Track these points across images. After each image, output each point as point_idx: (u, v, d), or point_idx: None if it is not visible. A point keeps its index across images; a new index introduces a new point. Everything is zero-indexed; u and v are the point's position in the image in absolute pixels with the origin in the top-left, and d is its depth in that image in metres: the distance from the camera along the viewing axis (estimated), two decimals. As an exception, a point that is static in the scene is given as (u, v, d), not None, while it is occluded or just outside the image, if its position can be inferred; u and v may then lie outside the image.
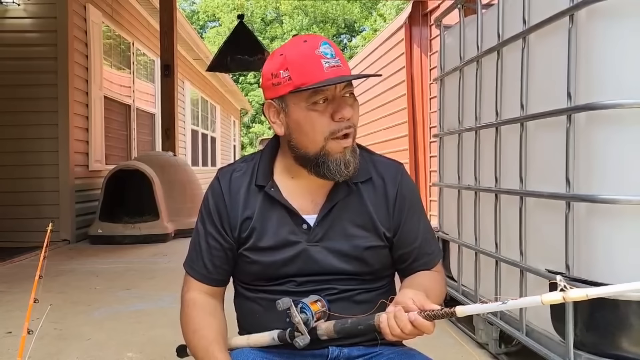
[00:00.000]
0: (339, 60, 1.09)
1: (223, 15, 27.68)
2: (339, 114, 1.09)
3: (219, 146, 14.96)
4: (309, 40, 1.11)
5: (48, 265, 1.76)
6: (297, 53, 1.10)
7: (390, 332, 1.00)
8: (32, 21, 5.50)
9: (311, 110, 1.10)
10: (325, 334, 1.09)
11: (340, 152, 1.11)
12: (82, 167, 5.90)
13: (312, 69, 1.07)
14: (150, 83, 8.72)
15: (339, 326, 1.09)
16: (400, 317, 0.99)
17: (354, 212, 1.17)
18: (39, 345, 2.01)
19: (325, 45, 1.10)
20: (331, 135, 1.10)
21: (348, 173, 1.11)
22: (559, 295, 0.82)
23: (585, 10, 1.55)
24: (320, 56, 1.08)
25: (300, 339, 1.07)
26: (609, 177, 1.53)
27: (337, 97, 1.09)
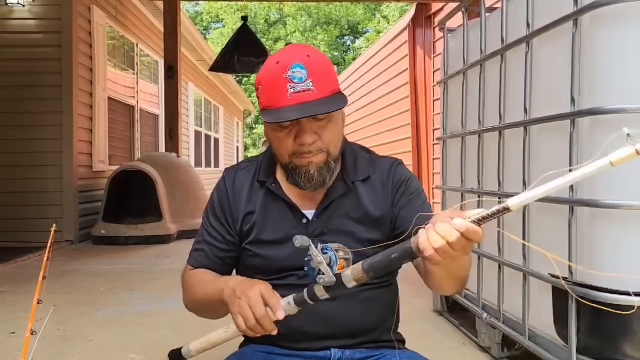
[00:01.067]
0: (309, 83, 1.07)
1: (226, 17, 27.73)
2: (299, 139, 1.11)
3: (222, 147, 14.99)
4: (282, 60, 1.09)
5: (51, 265, 1.76)
6: (267, 74, 1.11)
7: (432, 246, 0.84)
8: (36, 22, 5.53)
9: (277, 131, 1.14)
10: (354, 279, 0.94)
11: (305, 166, 1.13)
12: (86, 167, 5.91)
13: (276, 93, 1.08)
14: (153, 84, 8.74)
15: (367, 264, 0.93)
16: (442, 227, 0.84)
17: (350, 209, 1.20)
18: (42, 345, 2.02)
19: (295, 67, 1.07)
20: (294, 154, 1.14)
21: (314, 184, 1.15)
22: (632, 150, 0.69)
23: (589, 15, 1.55)
24: (287, 80, 1.07)
25: (324, 276, 0.95)
26: (613, 181, 1.53)
27: (302, 121, 1.10)
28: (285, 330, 1.17)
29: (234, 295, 1.04)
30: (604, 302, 1.49)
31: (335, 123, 1.15)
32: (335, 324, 1.17)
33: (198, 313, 1.27)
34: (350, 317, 1.18)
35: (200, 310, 1.25)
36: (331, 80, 1.12)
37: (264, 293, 1.02)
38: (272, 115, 1.09)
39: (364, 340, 1.20)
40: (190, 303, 1.25)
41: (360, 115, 10.17)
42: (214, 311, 1.20)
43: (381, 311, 1.22)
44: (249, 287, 1.03)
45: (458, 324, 2.63)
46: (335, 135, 1.15)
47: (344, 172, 1.22)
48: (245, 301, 1.01)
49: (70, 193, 5.53)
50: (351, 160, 1.24)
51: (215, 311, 1.19)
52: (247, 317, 1.00)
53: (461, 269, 1.06)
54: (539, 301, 1.84)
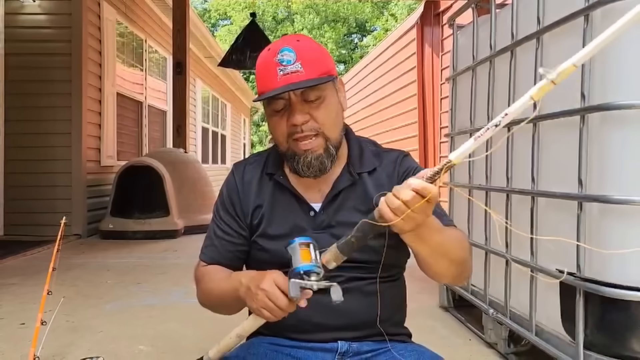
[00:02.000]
0: (298, 65, 1.10)
1: (235, 14, 27.74)
2: (290, 120, 1.14)
3: (229, 144, 15.03)
4: (272, 47, 1.14)
5: (60, 259, 1.79)
6: (260, 61, 1.16)
7: (391, 209, 0.90)
8: (47, 17, 5.57)
9: (272, 115, 1.17)
10: (333, 260, 1.02)
11: (302, 154, 1.15)
12: (94, 162, 5.95)
13: (267, 77, 1.12)
14: (162, 80, 8.78)
15: (342, 245, 1.01)
16: (397, 188, 0.91)
17: (357, 201, 1.20)
18: (51, 336, 2.03)
19: (284, 51, 1.11)
20: (290, 137, 1.15)
21: (313, 172, 1.16)
22: (544, 82, 0.78)
23: (601, 11, 1.55)
24: (277, 64, 1.11)
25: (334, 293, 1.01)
26: (622, 177, 1.53)
27: (294, 102, 1.13)
28: (293, 321, 1.18)
29: (250, 292, 1.05)
30: (612, 298, 1.49)
31: (329, 105, 1.16)
32: (342, 316, 1.18)
33: (213, 310, 1.28)
34: (356, 310, 1.18)
35: (215, 307, 1.26)
36: (322, 63, 1.14)
37: (279, 282, 1.02)
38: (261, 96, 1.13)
39: (370, 333, 1.20)
40: (205, 300, 1.26)
41: (368, 113, 10.17)
42: (229, 308, 1.21)
43: (388, 305, 1.22)
44: (262, 280, 1.04)
45: (464, 320, 2.63)
46: (329, 117, 1.15)
47: (350, 164, 1.22)
48: (263, 295, 1.02)
49: (79, 188, 5.57)
50: (357, 153, 1.24)
51: (230, 308, 1.20)
52: (271, 309, 1.01)
53: (446, 247, 1.05)
54: (546, 297, 1.85)
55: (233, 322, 1.16)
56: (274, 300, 1.01)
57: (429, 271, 1.12)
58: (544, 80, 0.79)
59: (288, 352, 1.18)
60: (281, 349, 1.19)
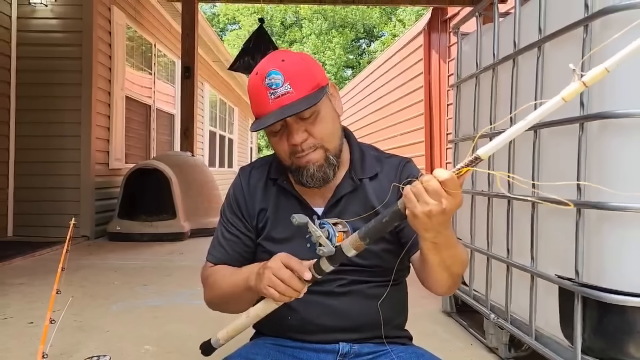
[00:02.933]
0: (287, 86, 1.11)
1: (243, 19, 27.92)
2: (289, 141, 1.16)
3: (236, 148, 15.09)
4: (260, 71, 1.15)
5: (69, 259, 1.83)
6: (251, 86, 1.18)
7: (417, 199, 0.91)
8: (58, 22, 5.65)
9: (271, 137, 1.20)
10: (353, 247, 1.01)
11: (305, 166, 1.18)
12: (103, 165, 6.02)
13: (260, 102, 1.15)
14: (170, 84, 8.86)
15: (363, 232, 1.00)
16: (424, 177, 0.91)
17: (358, 206, 1.23)
18: (59, 335, 2.07)
19: (271, 74, 1.12)
20: (292, 155, 1.18)
21: (316, 183, 1.19)
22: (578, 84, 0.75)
23: (600, 21, 1.58)
24: (267, 88, 1.12)
25: (324, 247, 1.02)
26: (620, 184, 1.55)
27: (290, 123, 1.15)
28: (296, 322, 1.21)
29: (259, 275, 1.08)
30: (610, 303, 1.52)
31: (325, 118, 1.17)
32: (345, 318, 1.20)
33: (223, 308, 1.28)
34: (359, 312, 1.21)
35: (225, 303, 1.26)
36: (310, 78, 1.15)
37: (284, 260, 1.05)
38: (256, 123, 1.16)
39: (372, 335, 1.22)
40: (214, 298, 1.27)
41: (375, 119, 10.20)
42: (240, 302, 1.21)
43: (390, 308, 1.25)
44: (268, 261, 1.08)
45: (466, 325, 2.65)
46: (326, 129, 1.17)
47: (351, 169, 1.25)
48: (269, 272, 1.04)
49: (88, 190, 5.64)
50: (358, 158, 1.27)
51: (241, 302, 1.21)
52: (275, 284, 1.04)
53: (454, 260, 1.08)
54: (546, 302, 1.87)
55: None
56: (280, 276, 1.03)
57: (428, 279, 1.15)
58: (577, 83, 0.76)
59: (291, 352, 1.21)
60: (284, 349, 1.22)
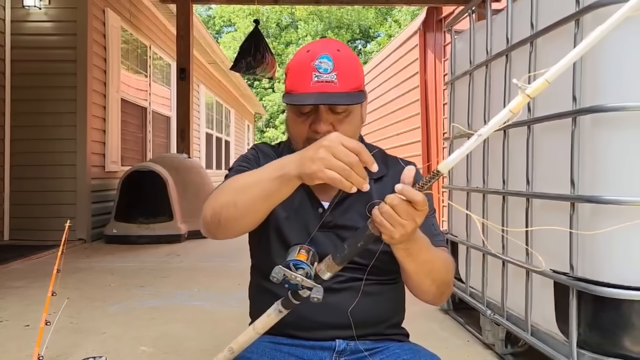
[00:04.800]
0: (334, 75, 1.11)
1: (239, 21, 27.91)
2: (313, 127, 1.15)
3: (233, 150, 15.08)
4: (312, 50, 1.15)
5: (65, 262, 1.83)
6: (296, 61, 1.17)
7: (380, 212, 0.93)
8: (53, 24, 5.64)
9: (296, 115, 1.18)
10: (328, 270, 1.01)
11: None
12: (99, 167, 6.01)
13: (301, 79, 1.13)
14: (166, 86, 8.85)
15: (338, 257, 1.00)
16: (388, 196, 0.93)
17: (362, 205, 1.22)
18: (55, 337, 2.07)
19: (323, 58, 1.12)
20: (307, 141, 1.14)
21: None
22: (522, 96, 0.79)
23: (591, 15, 1.58)
24: (313, 69, 1.12)
25: (315, 292, 1.01)
26: (614, 178, 1.56)
27: (321, 109, 1.14)
28: (293, 318, 1.21)
29: (304, 157, 0.97)
30: (605, 297, 1.52)
31: (353, 120, 1.18)
32: (342, 314, 1.20)
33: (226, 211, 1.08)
34: (356, 308, 1.20)
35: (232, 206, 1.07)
36: (356, 77, 1.16)
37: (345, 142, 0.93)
38: (292, 98, 1.14)
39: (369, 332, 1.22)
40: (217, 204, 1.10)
41: (372, 119, 10.20)
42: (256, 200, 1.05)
43: (387, 306, 1.25)
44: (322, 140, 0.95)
45: (463, 322, 2.65)
46: (350, 131, 1.17)
47: None
48: (326, 152, 0.93)
49: (84, 193, 5.63)
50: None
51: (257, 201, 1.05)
52: (338, 167, 0.92)
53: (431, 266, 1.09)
54: (541, 298, 1.87)
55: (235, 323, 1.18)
56: (342, 155, 0.92)
57: (412, 288, 1.16)
58: (520, 95, 0.80)
59: (287, 350, 1.20)
60: (280, 347, 1.21)
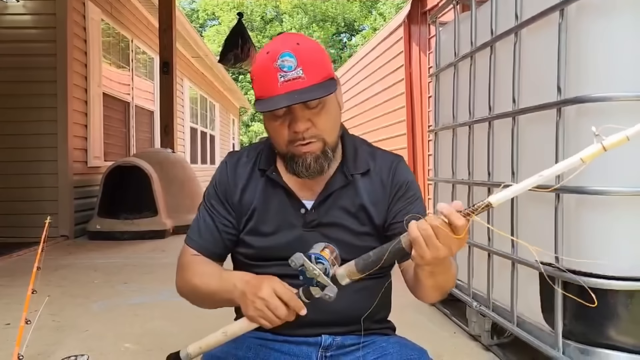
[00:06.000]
0: (300, 71, 1.08)
1: (223, 14, 27.68)
2: (292, 127, 1.12)
3: (218, 144, 14.99)
4: (271, 50, 1.10)
5: (47, 259, 1.79)
6: (259, 65, 1.13)
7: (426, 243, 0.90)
8: (31, 18, 5.52)
9: (272, 121, 1.14)
10: (348, 276, 1.00)
11: (302, 156, 1.14)
12: (81, 163, 5.92)
13: (267, 83, 1.09)
14: (149, 80, 8.74)
15: (361, 263, 0.99)
16: (430, 216, 0.91)
17: (348, 202, 1.20)
18: (36, 335, 2.02)
19: (284, 56, 1.08)
20: (290, 143, 1.14)
21: (311, 173, 1.14)
22: (599, 146, 0.76)
23: (575, 5, 1.58)
24: (277, 70, 1.08)
25: (328, 290, 1.00)
26: (598, 168, 1.55)
27: (295, 109, 1.11)
28: None
29: (246, 299, 1.03)
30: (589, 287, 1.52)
31: (329, 110, 1.15)
32: (331, 312, 1.18)
33: (194, 303, 1.24)
34: (345, 306, 1.19)
35: (198, 302, 1.23)
36: (322, 67, 1.12)
37: (279, 291, 1.02)
38: (263, 104, 1.10)
39: (356, 328, 1.21)
40: (188, 293, 1.23)
41: (356, 112, 10.19)
42: (214, 305, 1.18)
43: (374, 301, 1.22)
44: (260, 287, 1.02)
45: (450, 313, 2.66)
46: (329, 122, 1.15)
47: (344, 164, 1.21)
48: (262, 304, 1.01)
49: (66, 188, 5.54)
50: (351, 153, 1.24)
51: (216, 305, 1.18)
52: (270, 319, 1.01)
53: (447, 280, 1.08)
54: (527, 289, 1.87)
55: (220, 319, 1.16)
56: (274, 310, 1.00)
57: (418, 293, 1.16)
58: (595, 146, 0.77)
59: (272, 345, 1.19)
60: (266, 342, 1.19)
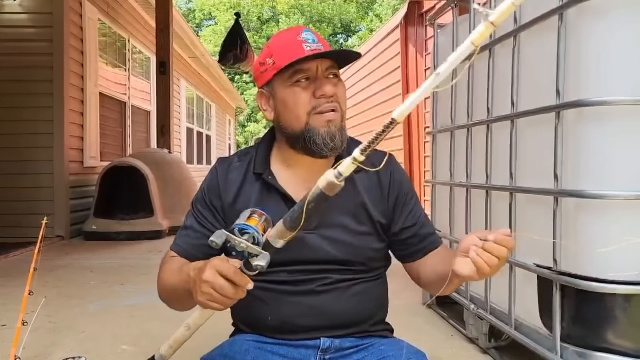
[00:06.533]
0: (320, 45, 1.15)
1: (219, 14, 27.63)
2: (320, 90, 1.13)
3: (214, 144, 14.96)
4: (291, 29, 1.18)
5: (43, 260, 1.78)
6: (280, 40, 1.18)
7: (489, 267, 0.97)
8: (28, 16, 5.50)
9: (294, 86, 1.15)
10: (279, 237, 0.97)
11: (325, 126, 1.14)
12: (77, 163, 5.89)
13: (293, 51, 1.13)
14: (145, 80, 8.71)
15: (288, 220, 0.95)
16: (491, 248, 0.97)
17: (347, 201, 1.20)
18: (33, 336, 2.02)
19: (306, 32, 1.16)
20: (313, 110, 1.14)
21: (334, 146, 1.14)
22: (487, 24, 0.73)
23: (575, 9, 1.58)
24: (302, 41, 1.14)
25: (260, 259, 0.95)
26: (596, 172, 1.56)
27: (320, 76, 1.14)
28: (276, 322, 1.19)
29: (195, 285, 0.99)
30: (588, 291, 1.53)
31: (343, 86, 1.19)
32: (328, 317, 1.18)
33: (169, 304, 1.23)
34: (343, 310, 1.19)
35: (168, 301, 1.22)
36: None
37: (222, 269, 0.96)
38: (293, 64, 1.12)
39: (354, 331, 1.21)
40: (160, 292, 1.22)
41: (352, 113, 10.20)
42: (182, 303, 1.16)
43: (372, 304, 1.24)
44: (202, 270, 0.98)
45: (446, 316, 2.66)
46: (344, 97, 1.19)
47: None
48: (207, 287, 0.96)
49: (62, 188, 5.51)
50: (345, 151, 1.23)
51: (183, 303, 1.15)
52: (217, 299, 0.97)
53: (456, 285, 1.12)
54: (525, 292, 1.87)
55: (214, 321, 1.15)
56: (219, 290, 0.96)
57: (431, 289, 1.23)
58: (483, 24, 0.74)
59: (270, 349, 1.19)
60: (264, 345, 1.19)
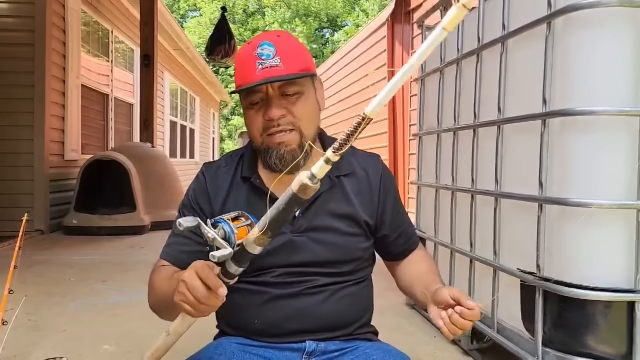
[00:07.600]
0: (277, 60, 1.12)
1: (204, 5, 27.38)
2: (266, 115, 1.14)
3: (198, 138, 14.85)
4: (253, 41, 1.16)
5: (22, 255, 1.74)
6: (240, 55, 1.18)
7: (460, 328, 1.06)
8: (8, 6, 5.40)
9: (249, 109, 1.17)
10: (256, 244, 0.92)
11: (276, 147, 1.15)
12: (58, 156, 5.80)
13: (246, 71, 1.13)
14: (129, 72, 8.60)
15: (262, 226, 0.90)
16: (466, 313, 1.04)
17: (336, 204, 1.21)
18: (13, 335, 1.98)
19: (264, 45, 1.13)
20: (264, 132, 1.16)
21: (283, 168, 1.14)
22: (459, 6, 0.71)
23: (563, 19, 1.59)
24: (256, 57, 1.12)
25: (220, 252, 0.91)
26: (581, 181, 1.58)
27: (270, 97, 1.14)
28: (263, 325, 1.18)
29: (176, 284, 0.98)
30: (570, 297, 1.55)
31: (307, 101, 1.17)
32: (315, 320, 1.18)
33: (160, 315, 1.21)
34: (329, 313, 1.19)
35: (160, 311, 1.20)
36: (301, 59, 1.16)
37: (201, 272, 0.94)
38: (240, 88, 1.14)
39: (340, 334, 1.21)
40: (151, 303, 1.21)
41: (338, 109, 10.20)
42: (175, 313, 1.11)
43: (359, 307, 1.25)
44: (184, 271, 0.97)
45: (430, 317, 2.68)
46: (306, 112, 1.16)
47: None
48: (183, 286, 0.95)
49: (42, 182, 5.42)
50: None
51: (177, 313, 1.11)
52: (191, 303, 0.95)
53: None
54: (508, 296, 1.90)
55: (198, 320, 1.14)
56: (192, 291, 0.93)
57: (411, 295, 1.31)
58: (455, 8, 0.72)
59: (256, 351, 1.18)
60: (249, 348, 1.19)
